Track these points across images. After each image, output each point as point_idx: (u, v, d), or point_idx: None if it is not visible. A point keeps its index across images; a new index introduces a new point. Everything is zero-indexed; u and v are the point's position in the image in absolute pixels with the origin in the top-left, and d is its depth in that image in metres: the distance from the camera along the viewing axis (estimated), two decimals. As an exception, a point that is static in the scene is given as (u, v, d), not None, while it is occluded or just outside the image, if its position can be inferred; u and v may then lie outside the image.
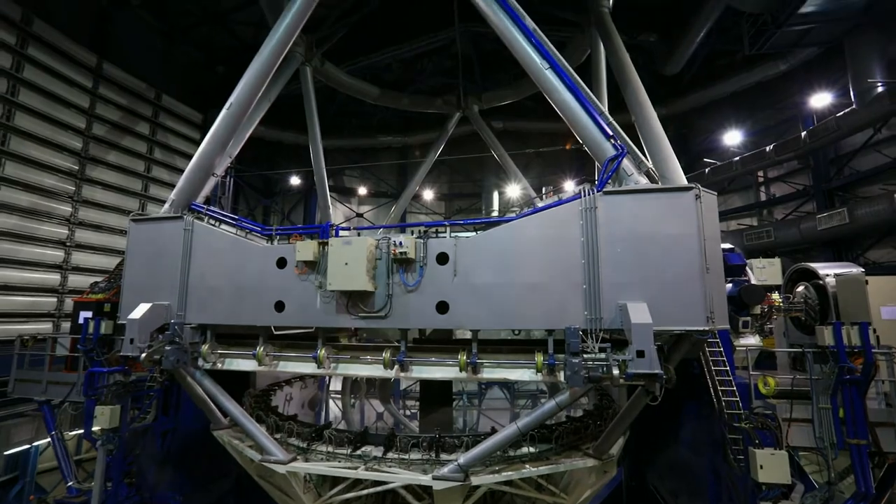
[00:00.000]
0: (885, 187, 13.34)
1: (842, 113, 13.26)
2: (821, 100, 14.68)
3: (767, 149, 15.69)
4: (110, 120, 14.93)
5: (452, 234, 6.14)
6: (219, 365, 6.87)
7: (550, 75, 6.22)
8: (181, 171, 8.02)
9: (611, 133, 5.90)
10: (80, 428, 8.96)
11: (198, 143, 9.07)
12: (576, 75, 6.29)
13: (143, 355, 6.48)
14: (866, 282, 7.22)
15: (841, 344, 6.19)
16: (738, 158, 16.73)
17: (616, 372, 5.01)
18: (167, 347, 6.52)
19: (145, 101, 16.28)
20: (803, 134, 14.56)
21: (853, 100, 13.01)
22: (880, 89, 12.27)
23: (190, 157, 7.80)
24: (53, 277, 13.24)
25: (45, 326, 12.88)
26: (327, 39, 12.72)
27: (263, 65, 7.51)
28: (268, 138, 20.30)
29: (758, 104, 17.93)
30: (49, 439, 9.59)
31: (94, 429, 8.07)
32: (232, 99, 7.46)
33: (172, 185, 8.30)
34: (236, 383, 8.27)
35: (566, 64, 6.31)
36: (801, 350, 7.13)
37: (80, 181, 13.89)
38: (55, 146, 13.19)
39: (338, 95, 16.39)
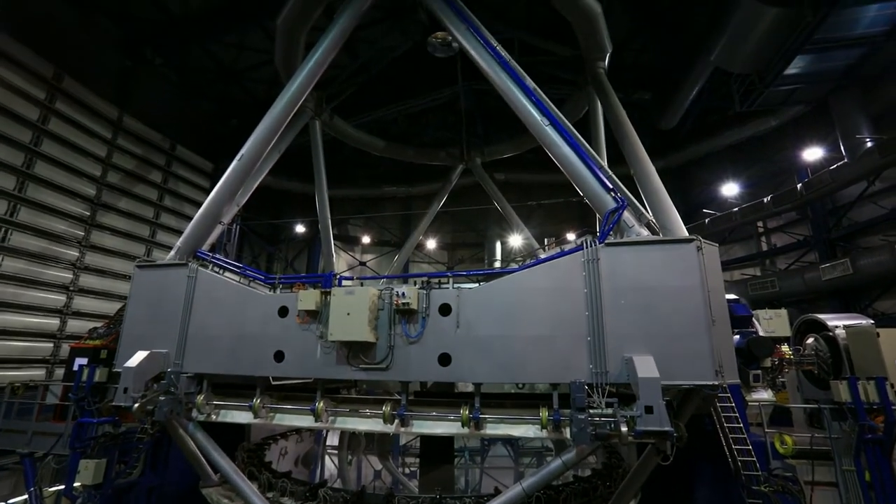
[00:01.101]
0: (886, 238, 13.40)
1: (835, 166, 13.60)
2: (813, 154, 15.12)
3: (765, 200, 15.95)
4: (125, 168, 15.47)
5: (455, 285, 6.14)
6: (213, 416, 6.66)
7: (551, 131, 6.50)
8: (189, 217, 8.19)
9: (611, 186, 6.05)
10: (62, 483, 8.50)
11: (207, 191, 9.33)
12: (575, 131, 6.56)
13: (137, 405, 6.29)
14: (877, 334, 7.08)
15: (858, 400, 5.98)
16: (737, 209, 16.94)
17: (624, 429, 4.82)
18: (161, 397, 6.35)
19: (160, 150, 16.96)
20: (799, 186, 14.86)
21: (844, 154, 13.40)
22: (869, 144, 12.66)
23: (198, 204, 7.99)
24: (52, 322, 13.14)
25: (38, 373, 12.60)
26: (336, 96, 13.43)
27: (275, 119, 7.91)
28: (274, 187, 20.86)
29: (753, 156, 18.43)
30: (26, 496, 9.07)
31: (76, 484, 7.66)
32: (243, 150, 7.79)
33: (180, 232, 8.44)
34: (231, 434, 7.97)
35: (565, 120, 6.60)
36: (817, 406, 6.87)
37: (89, 226, 14.16)
38: (70, 193, 13.57)
39: (344, 147, 17.03)
